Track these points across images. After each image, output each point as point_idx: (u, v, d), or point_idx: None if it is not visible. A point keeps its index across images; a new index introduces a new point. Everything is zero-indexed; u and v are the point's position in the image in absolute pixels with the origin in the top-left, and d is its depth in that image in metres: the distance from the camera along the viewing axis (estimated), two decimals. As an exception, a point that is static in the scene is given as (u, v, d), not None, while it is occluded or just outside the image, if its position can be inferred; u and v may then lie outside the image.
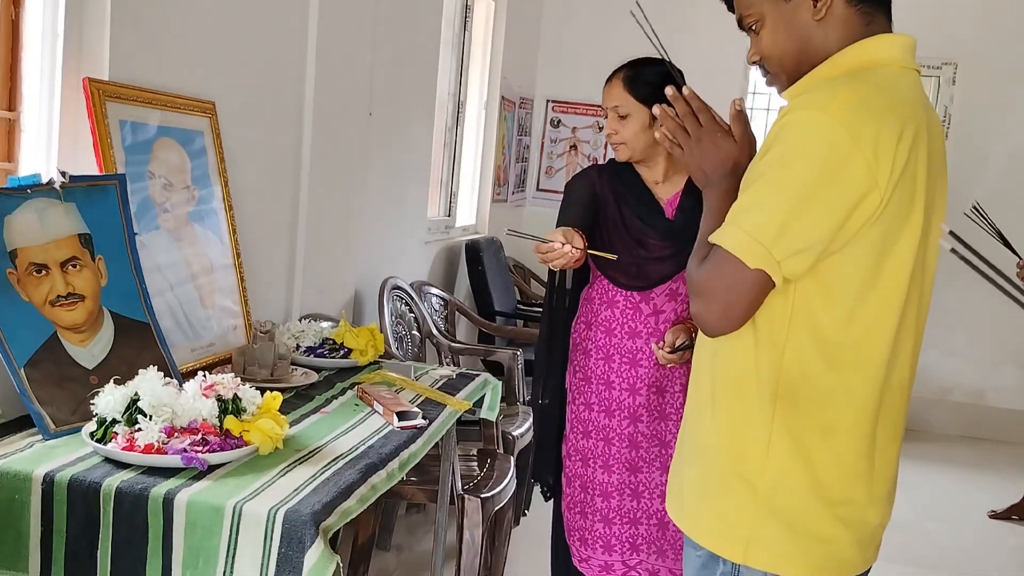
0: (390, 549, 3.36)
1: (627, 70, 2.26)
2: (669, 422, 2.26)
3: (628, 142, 2.24)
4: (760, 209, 1.30)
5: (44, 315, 1.71)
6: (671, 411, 2.26)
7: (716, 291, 1.33)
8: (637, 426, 2.25)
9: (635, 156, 2.26)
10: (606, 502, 2.27)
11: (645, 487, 2.27)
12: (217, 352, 2.25)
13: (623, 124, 2.23)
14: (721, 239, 1.33)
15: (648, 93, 2.20)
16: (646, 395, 2.25)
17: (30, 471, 1.47)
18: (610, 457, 2.27)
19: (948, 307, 5.61)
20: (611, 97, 2.26)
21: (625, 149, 2.26)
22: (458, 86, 4.77)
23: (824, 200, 1.27)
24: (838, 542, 1.40)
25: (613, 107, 2.25)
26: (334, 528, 1.45)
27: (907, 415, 1.49)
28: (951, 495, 4.80)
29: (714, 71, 5.75)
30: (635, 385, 2.26)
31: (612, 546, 2.28)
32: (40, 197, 1.74)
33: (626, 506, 2.27)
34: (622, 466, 2.26)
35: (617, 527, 2.27)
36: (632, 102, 2.22)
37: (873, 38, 1.39)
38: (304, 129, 2.86)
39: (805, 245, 1.29)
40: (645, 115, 2.21)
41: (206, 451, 1.54)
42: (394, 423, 1.90)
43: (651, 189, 2.30)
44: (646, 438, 2.26)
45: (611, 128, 2.26)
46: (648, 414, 2.25)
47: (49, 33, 1.91)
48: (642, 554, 2.28)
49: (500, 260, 5.04)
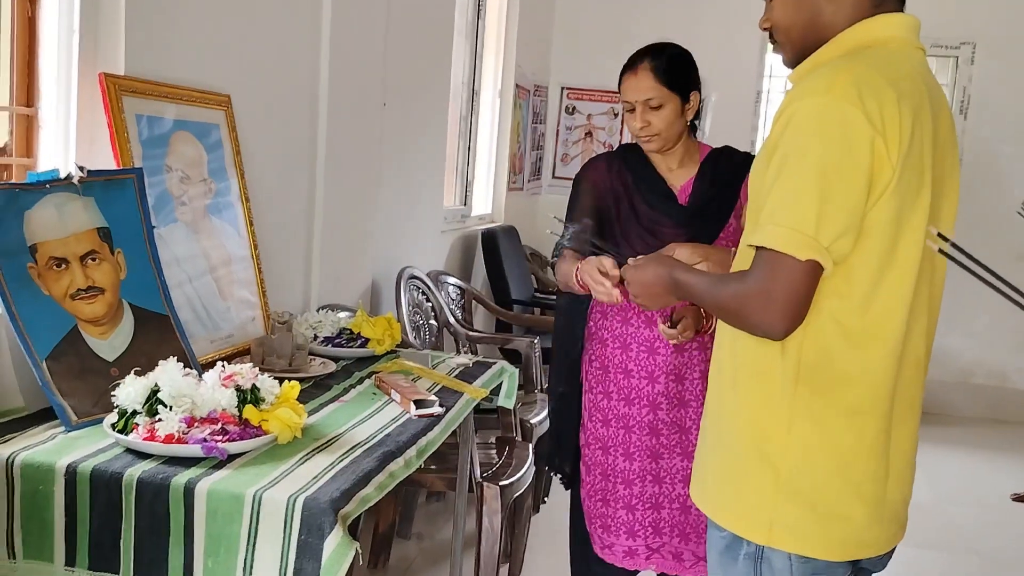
0: (411, 537, 3.38)
1: (652, 59, 2.18)
2: (688, 408, 2.25)
3: (662, 132, 2.17)
4: (794, 202, 1.30)
5: (65, 308, 1.73)
6: (690, 398, 2.24)
7: (773, 292, 1.31)
8: (657, 413, 2.24)
9: (668, 145, 2.21)
10: (628, 489, 2.26)
11: (667, 472, 2.26)
12: (236, 343, 2.27)
13: (656, 115, 2.16)
14: (765, 240, 1.31)
15: (679, 79, 2.17)
16: (664, 383, 2.23)
17: (53, 462, 1.49)
18: (631, 445, 2.26)
19: (969, 290, 5.54)
20: (640, 89, 2.16)
21: (659, 140, 2.19)
22: (472, 75, 4.77)
23: (848, 177, 1.28)
24: (860, 521, 1.40)
25: (645, 100, 2.16)
26: (353, 515, 1.46)
27: (924, 391, 1.50)
28: (973, 478, 4.77)
29: (731, 53, 5.73)
30: (653, 373, 2.24)
31: (636, 532, 2.27)
32: (59, 192, 1.76)
33: (648, 492, 2.26)
34: (643, 453, 2.25)
35: (640, 513, 2.26)
36: (664, 91, 2.15)
37: (875, 17, 1.41)
38: (319, 120, 2.87)
39: (846, 225, 1.29)
40: (677, 102, 2.17)
41: (226, 440, 1.56)
42: (411, 411, 1.91)
43: (664, 176, 2.26)
44: (666, 425, 2.24)
45: (642, 121, 2.17)
46: (667, 401, 2.24)
47: (65, 29, 1.93)
48: (665, 537, 2.27)
49: (517, 248, 5.04)
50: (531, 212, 6.07)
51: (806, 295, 1.32)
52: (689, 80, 2.19)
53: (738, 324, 1.40)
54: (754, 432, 1.42)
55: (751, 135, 5.76)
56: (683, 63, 2.20)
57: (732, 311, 1.39)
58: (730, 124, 5.85)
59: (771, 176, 1.34)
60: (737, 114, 5.76)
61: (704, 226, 2.18)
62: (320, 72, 2.85)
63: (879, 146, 1.28)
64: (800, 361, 1.37)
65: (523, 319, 4.48)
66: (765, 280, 1.32)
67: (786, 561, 1.40)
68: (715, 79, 2.61)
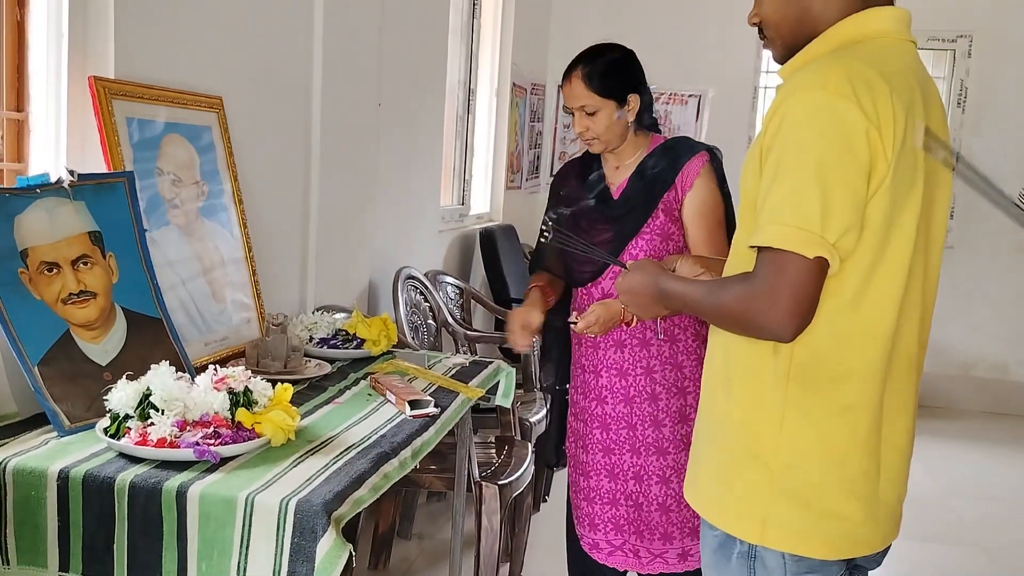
0: (411, 537, 3.38)
1: (584, 66, 2.23)
2: (632, 405, 2.27)
3: (600, 136, 2.24)
4: (796, 199, 1.27)
5: (57, 313, 1.73)
6: (633, 394, 2.27)
7: (779, 292, 1.28)
8: (604, 407, 2.29)
9: (610, 147, 2.27)
10: (586, 481, 2.34)
11: (619, 468, 2.29)
12: (231, 346, 2.26)
13: (592, 120, 2.22)
14: (770, 240, 1.28)
15: (611, 85, 2.21)
16: (607, 377, 2.28)
17: (45, 468, 1.49)
18: (588, 438, 2.33)
19: (970, 282, 5.56)
20: (575, 97, 2.23)
21: (599, 143, 2.25)
22: (468, 73, 4.76)
23: (848, 172, 1.27)
24: (853, 519, 1.39)
25: (580, 106, 2.22)
26: (346, 517, 1.46)
27: (919, 389, 1.49)
28: (975, 471, 4.76)
29: (728, 49, 5.72)
30: (597, 367, 2.29)
31: (596, 525, 2.33)
32: (49, 196, 1.75)
33: (604, 486, 2.31)
34: (596, 447, 2.31)
35: (598, 507, 2.32)
36: (597, 98, 2.20)
37: (865, 12, 1.39)
38: (313, 121, 2.87)
39: (851, 220, 1.28)
40: (612, 107, 2.21)
41: (218, 444, 1.55)
42: (406, 412, 1.91)
43: (609, 174, 2.31)
44: (614, 420, 2.28)
45: (581, 126, 2.24)
46: (612, 396, 2.28)
47: (54, 33, 1.93)
48: (624, 534, 2.30)
49: (515, 247, 5.04)
50: (529, 211, 6.06)
51: (814, 294, 1.29)
52: (624, 84, 2.23)
53: (743, 329, 1.36)
54: (746, 431, 1.41)
55: (748, 131, 5.74)
56: (616, 68, 2.22)
57: (736, 316, 1.35)
58: (727, 120, 5.87)
59: (768, 175, 1.32)
60: (734, 110, 5.75)
61: (630, 219, 2.23)
62: (313, 72, 2.84)
63: (875, 140, 1.27)
64: (792, 359, 1.36)
65: (522, 318, 4.46)
66: (771, 281, 1.28)
67: (779, 560, 1.39)
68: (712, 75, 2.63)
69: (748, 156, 1.40)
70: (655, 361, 2.25)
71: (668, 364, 2.25)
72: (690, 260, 1.75)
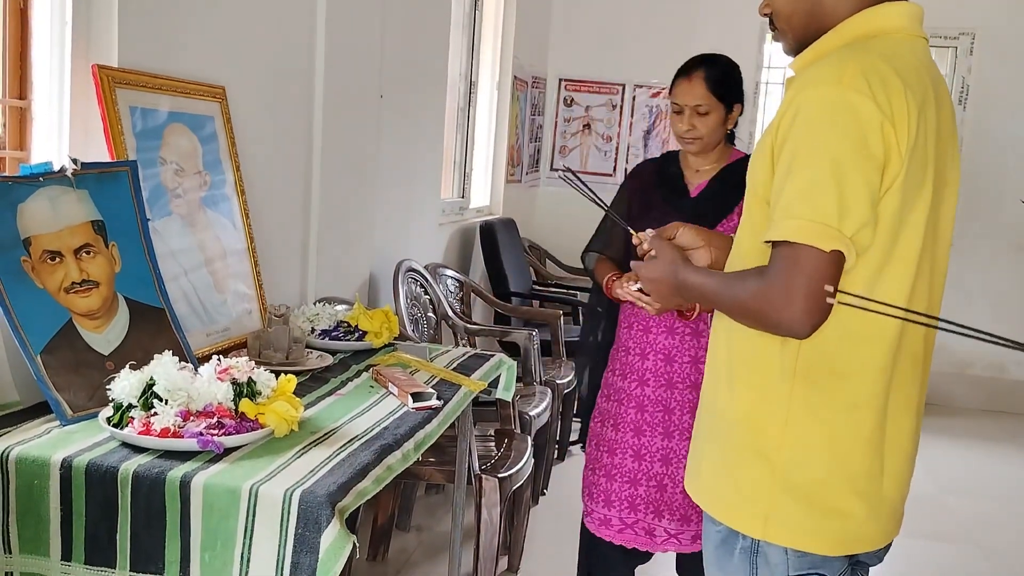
0: (410, 530, 3.38)
1: (707, 68, 2.34)
2: (675, 390, 2.35)
3: (704, 137, 2.34)
4: (812, 193, 1.26)
5: (59, 302, 1.72)
6: (677, 380, 2.35)
7: (795, 286, 1.26)
8: (644, 390, 2.37)
9: (706, 150, 2.37)
10: (610, 458, 2.40)
11: (647, 449, 2.37)
12: (232, 336, 2.26)
13: (702, 120, 2.33)
14: (786, 234, 1.27)
15: (727, 91, 2.34)
16: (653, 360, 2.36)
17: (48, 457, 1.49)
18: (620, 417, 2.40)
19: (969, 280, 5.57)
20: (692, 95, 2.33)
21: (699, 143, 2.36)
22: (470, 66, 4.75)
23: (864, 166, 1.26)
24: (856, 516, 1.39)
25: (695, 106, 2.32)
26: (350, 509, 1.46)
27: (926, 389, 1.48)
28: (972, 469, 4.77)
29: (729, 44, 5.71)
30: (645, 351, 2.38)
31: (612, 502, 2.39)
32: (52, 185, 1.75)
33: (627, 466, 2.38)
34: (627, 427, 2.38)
35: (617, 484, 2.38)
36: (713, 100, 2.32)
37: (878, 7, 1.39)
38: (315, 112, 2.86)
39: (866, 215, 1.27)
40: (722, 111, 2.34)
41: (222, 434, 1.55)
42: (409, 404, 1.91)
43: (688, 176, 2.43)
44: (651, 402, 2.36)
45: (688, 124, 2.34)
46: (655, 379, 2.36)
47: (57, 21, 1.92)
48: (639, 514, 2.37)
49: (515, 240, 5.03)
50: (530, 204, 6.06)
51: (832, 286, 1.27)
52: (736, 93, 2.38)
53: (758, 324, 1.35)
54: (750, 426, 1.41)
55: (750, 126, 5.74)
56: (733, 77, 2.37)
57: (751, 311, 1.34)
58: (728, 115, 5.86)
59: (782, 170, 1.30)
60: (736, 105, 5.74)
61: (703, 218, 2.26)
62: (316, 63, 2.83)
63: (890, 136, 1.26)
64: (798, 356, 1.36)
65: (522, 311, 4.47)
66: (787, 275, 1.27)
67: (782, 555, 1.39)
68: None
69: (758, 149, 1.39)
70: (703, 352, 2.30)
71: None
72: (692, 230, 1.72)
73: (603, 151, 6.16)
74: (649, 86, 6.02)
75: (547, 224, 6.09)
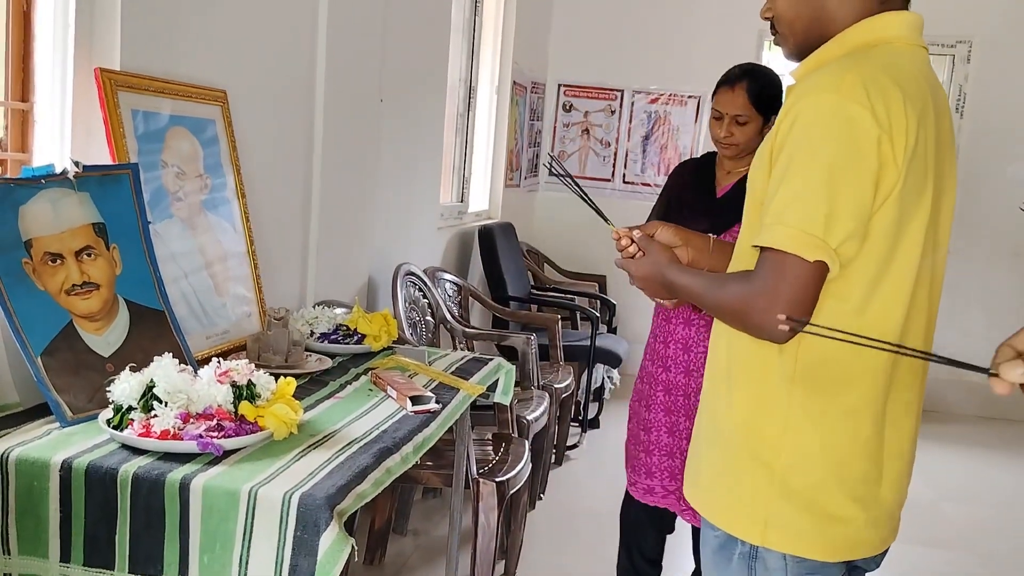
0: (407, 533, 3.38)
1: (750, 81, 2.46)
2: (692, 377, 2.55)
3: (741, 144, 2.49)
4: (801, 201, 1.28)
5: (60, 304, 1.73)
6: (694, 368, 2.54)
7: (779, 293, 1.28)
8: (668, 375, 2.60)
9: (741, 155, 2.51)
10: (647, 435, 2.64)
11: (677, 428, 2.60)
12: (232, 339, 2.26)
13: (740, 129, 2.47)
14: (772, 241, 1.29)
15: (767, 103, 2.46)
16: (673, 348, 2.58)
17: (48, 458, 1.49)
18: (652, 399, 2.63)
19: (965, 287, 5.59)
20: (733, 105, 2.47)
21: (735, 149, 2.50)
22: (469, 71, 4.76)
23: (856, 178, 1.27)
24: (854, 522, 1.40)
25: (735, 115, 2.46)
26: (349, 511, 1.46)
27: (923, 394, 1.49)
28: (968, 475, 4.78)
29: (727, 50, 5.72)
30: (667, 339, 2.60)
31: (653, 473, 2.63)
32: (54, 187, 1.75)
33: (663, 440, 2.61)
34: (659, 407, 2.62)
35: (656, 458, 2.62)
36: (753, 111, 2.46)
37: (879, 15, 1.39)
38: (315, 116, 2.87)
39: (853, 226, 1.28)
40: (760, 122, 2.48)
41: (221, 437, 1.55)
42: (408, 407, 1.91)
43: (720, 177, 2.58)
44: (675, 387, 2.58)
45: (727, 132, 2.48)
46: (675, 366, 2.57)
47: (60, 23, 1.92)
48: (678, 482, 2.57)
49: (514, 245, 5.04)
50: (528, 209, 6.07)
51: (812, 297, 1.30)
52: (775, 105, 2.47)
53: (740, 326, 1.38)
54: (749, 431, 1.42)
55: (748, 132, 5.75)
56: (774, 90, 2.48)
57: (734, 312, 1.37)
58: (727, 121, 5.87)
59: (777, 175, 1.32)
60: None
61: (723, 216, 2.47)
62: (317, 67, 2.84)
63: (886, 148, 1.27)
64: (797, 362, 1.37)
65: (520, 316, 4.48)
66: (771, 281, 1.29)
67: (781, 561, 1.40)
68: (712, 76, 2.68)
69: (758, 155, 1.40)
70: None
71: None
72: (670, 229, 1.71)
73: (602, 156, 6.17)
74: (648, 92, 6.04)
75: (546, 229, 6.10)
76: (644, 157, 6.06)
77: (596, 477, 4.28)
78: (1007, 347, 0.76)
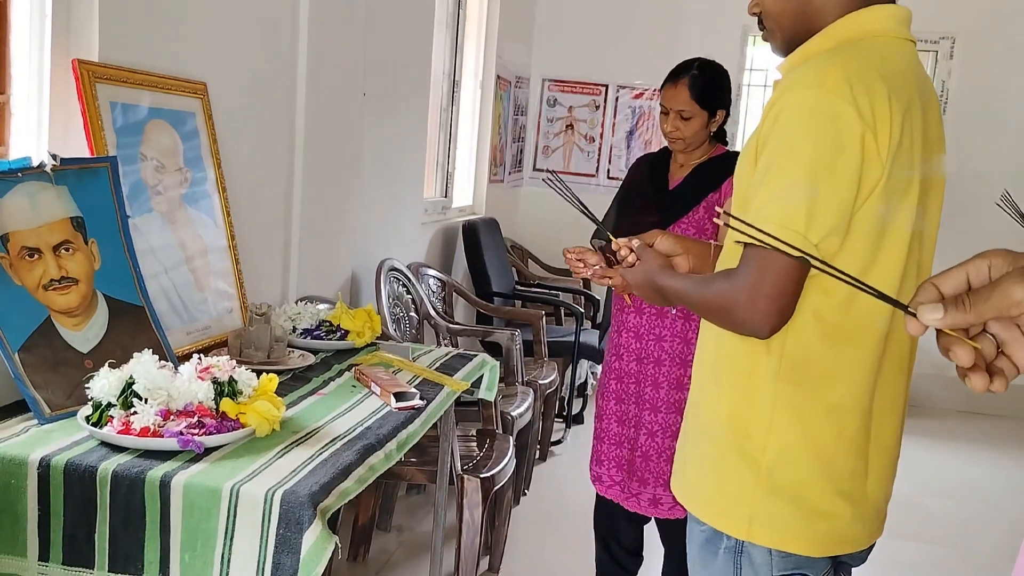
0: (391, 530, 3.37)
1: (692, 77, 2.48)
2: (641, 364, 2.55)
3: (686, 139, 2.51)
4: (783, 198, 1.28)
5: (37, 299, 1.70)
6: (645, 355, 2.55)
7: (761, 289, 1.29)
8: (620, 363, 2.60)
9: (689, 149, 2.54)
10: (598, 423, 2.67)
11: (626, 416, 2.60)
12: (213, 335, 2.24)
13: (685, 124, 2.49)
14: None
15: (710, 98, 2.48)
16: (625, 336, 2.58)
17: (26, 456, 1.47)
18: (606, 387, 2.66)
19: (947, 282, 5.61)
20: (677, 101, 2.49)
21: (682, 143, 2.52)
22: (453, 65, 4.74)
23: (838, 175, 1.27)
24: (841, 517, 1.40)
25: (678, 110, 2.48)
26: (332, 509, 1.45)
27: (909, 389, 1.49)
28: (951, 470, 4.81)
29: (712, 46, 5.72)
30: (619, 327, 2.62)
31: (602, 461, 2.65)
32: (31, 180, 1.72)
33: (613, 430, 2.62)
34: (611, 396, 2.63)
35: (605, 446, 2.64)
36: (696, 107, 2.48)
37: (866, 9, 1.39)
38: (297, 110, 2.84)
39: (835, 223, 1.28)
40: (704, 117, 2.50)
41: (202, 434, 1.53)
42: (391, 404, 1.89)
43: (672, 170, 2.59)
44: (626, 375, 2.58)
45: (672, 127, 2.50)
46: (627, 354, 2.58)
47: (37, 14, 1.89)
48: (622, 472, 2.60)
49: (498, 241, 5.03)
50: (512, 204, 6.05)
51: (794, 293, 1.30)
52: (720, 100, 2.52)
53: (724, 323, 1.38)
54: (735, 427, 1.41)
55: (732, 128, 5.76)
56: (718, 85, 2.51)
57: (718, 310, 1.37)
58: (711, 117, 5.88)
59: (760, 171, 1.32)
60: (718, 107, 5.75)
61: (674, 209, 2.51)
62: (298, 60, 2.81)
63: (869, 143, 1.27)
64: (783, 358, 1.37)
65: (504, 312, 4.47)
66: (753, 278, 1.30)
67: (766, 556, 1.39)
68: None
69: (744, 151, 1.40)
70: (667, 331, 2.52)
71: (678, 336, 2.51)
72: (670, 238, 1.72)
73: (586, 151, 6.16)
74: (632, 87, 6.03)
75: (530, 224, 6.09)
76: (629, 152, 6.06)
77: (580, 473, 4.25)
78: (930, 286, 0.74)
